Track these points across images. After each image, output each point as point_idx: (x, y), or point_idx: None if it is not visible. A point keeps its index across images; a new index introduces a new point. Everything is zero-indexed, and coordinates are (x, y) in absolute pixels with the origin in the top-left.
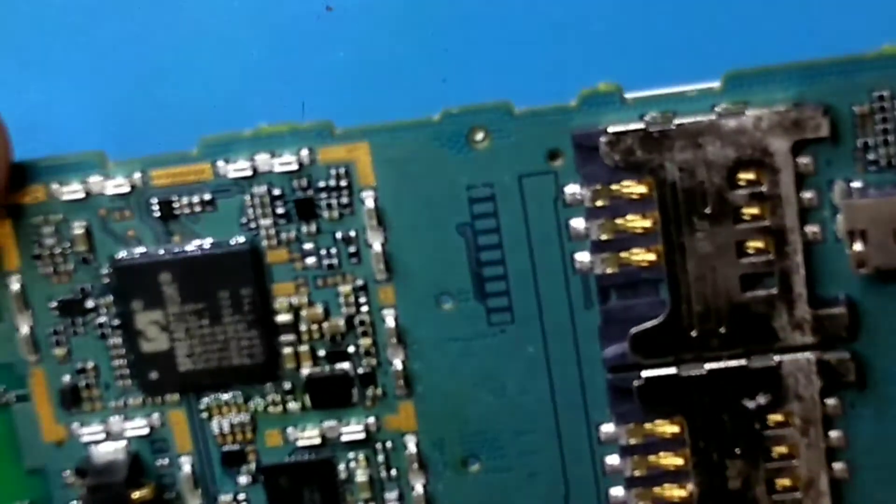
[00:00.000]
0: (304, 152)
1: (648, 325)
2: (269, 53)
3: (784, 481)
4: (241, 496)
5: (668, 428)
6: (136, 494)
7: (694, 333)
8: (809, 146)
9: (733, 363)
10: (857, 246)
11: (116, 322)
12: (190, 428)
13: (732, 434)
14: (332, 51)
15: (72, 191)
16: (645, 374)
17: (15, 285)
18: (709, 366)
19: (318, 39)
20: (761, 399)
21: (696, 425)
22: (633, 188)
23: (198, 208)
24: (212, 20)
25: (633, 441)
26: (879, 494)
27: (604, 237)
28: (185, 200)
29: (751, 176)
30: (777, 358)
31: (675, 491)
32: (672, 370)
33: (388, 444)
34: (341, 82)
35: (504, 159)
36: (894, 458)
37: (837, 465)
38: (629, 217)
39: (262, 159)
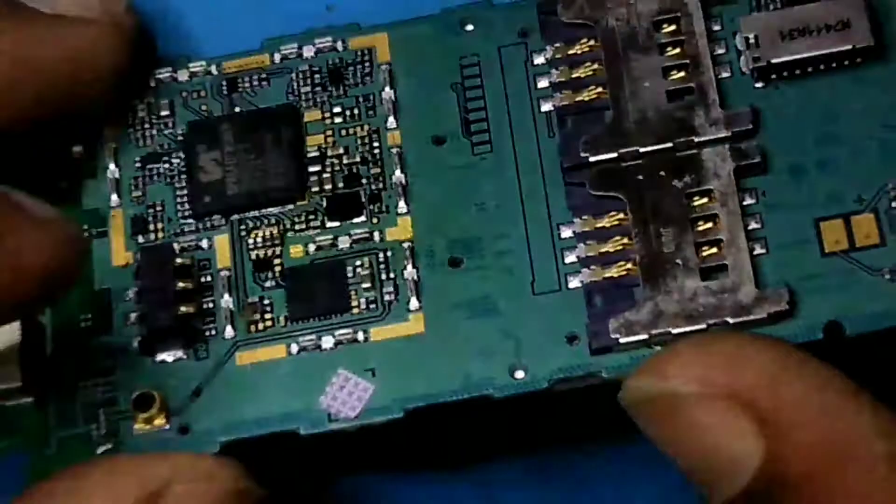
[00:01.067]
0: (339, 43)
1: (598, 132)
2: None
3: (709, 238)
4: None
5: (615, 216)
6: (179, 284)
7: (632, 129)
8: None
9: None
10: (753, 51)
11: (183, 166)
12: (230, 245)
13: (666, 209)
14: None
15: (161, 78)
16: (595, 167)
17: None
18: (644, 150)
19: None
20: (687, 178)
21: (637, 205)
22: (585, 44)
23: (256, 83)
24: (211, 20)
25: (586, 229)
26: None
27: (561, 80)
28: (247, 81)
29: (670, 17)
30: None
31: (623, 267)
32: (616, 164)
33: (389, 253)
34: None
35: (487, 38)
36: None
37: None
38: (583, 67)
39: (307, 49)
